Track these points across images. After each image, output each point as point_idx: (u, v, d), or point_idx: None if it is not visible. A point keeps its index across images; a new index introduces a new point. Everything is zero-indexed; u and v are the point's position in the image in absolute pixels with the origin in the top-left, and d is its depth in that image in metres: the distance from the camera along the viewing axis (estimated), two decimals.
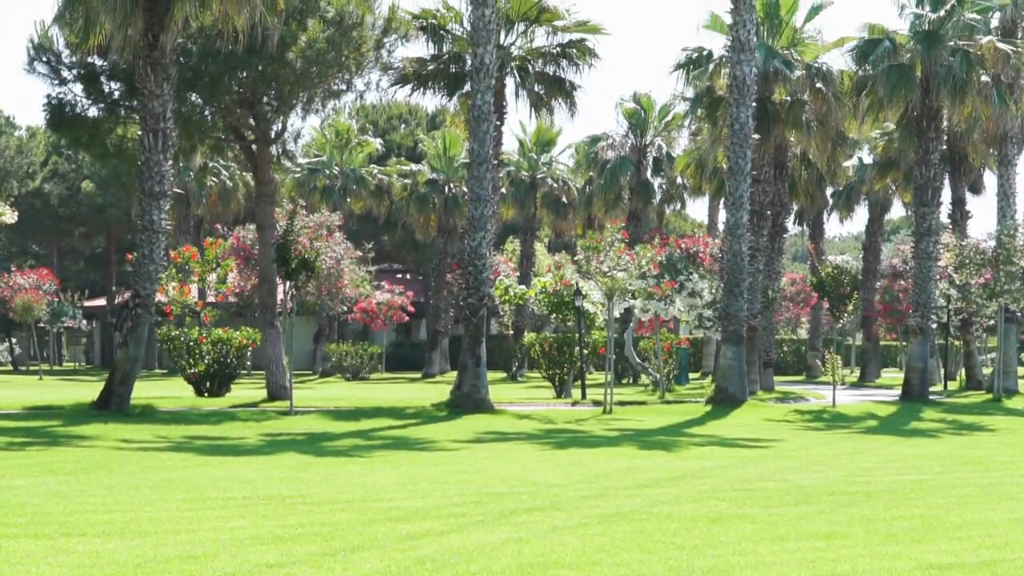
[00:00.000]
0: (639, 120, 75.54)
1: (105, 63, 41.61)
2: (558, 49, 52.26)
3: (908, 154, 53.35)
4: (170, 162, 37.14)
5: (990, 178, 61.94)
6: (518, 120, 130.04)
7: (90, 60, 41.61)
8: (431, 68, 50.85)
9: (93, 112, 43.12)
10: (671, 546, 14.31)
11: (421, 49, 51.37)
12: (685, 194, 78.28)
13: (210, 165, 78.11)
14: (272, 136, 45.23)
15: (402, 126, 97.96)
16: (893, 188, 69.07)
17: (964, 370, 64.20)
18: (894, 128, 54.97)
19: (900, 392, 50.30)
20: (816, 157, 57.78)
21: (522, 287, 61.04)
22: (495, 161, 47.86)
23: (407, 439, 29.43)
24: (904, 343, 63.79)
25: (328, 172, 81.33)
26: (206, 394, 44.81)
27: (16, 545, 13.82)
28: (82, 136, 44.37)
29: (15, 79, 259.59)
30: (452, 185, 77.27)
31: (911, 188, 52.48)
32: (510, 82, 52.26)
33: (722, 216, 52.44)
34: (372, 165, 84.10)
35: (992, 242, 52.31)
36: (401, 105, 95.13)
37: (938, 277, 51.41)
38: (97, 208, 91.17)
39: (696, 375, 72.95)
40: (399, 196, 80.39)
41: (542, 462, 24.15)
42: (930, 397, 49.71)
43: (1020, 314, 55.11)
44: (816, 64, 52.32)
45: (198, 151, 49.66)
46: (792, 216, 71.81)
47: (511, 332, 77.82)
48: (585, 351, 51.89)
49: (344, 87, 44.20)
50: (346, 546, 14.03)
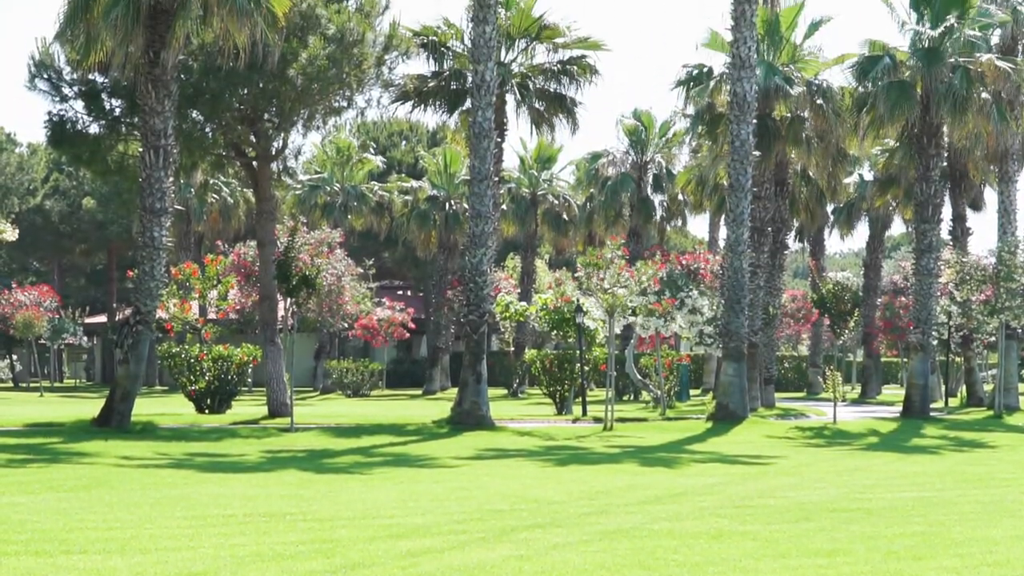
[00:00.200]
0: (640, 137, 75.64)
1: (106, 80, 41.63)
2: (559, 66, 52.30)
3: (909, 171, 53.36)
4: (171, 179, 37.16)
5: (991, 195, 61.90)
6: (519, 137, 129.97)
7: (91, 77, 41.63)
8: (432, 85, 50.90)
9: (94, 129, 43.14)
10: (672, 563, 14.30)
11: (422, 66, 51.44)
12: (686, 211, 78.26)
13: (211, 182, 77.99)
14: (273, 153, 45.25)
15: (403, 143, 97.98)
16: (894, 205, 69.07)
17: (965, 387, 64.13)
18: (895, 145, 55.02)
19: (901, 409, 50.26)
20: (816, 174, 57.81)
21: (523, 304, 61.03)
22: (496, 178, 47.91)
23: (408, 456, 29.42)
24: (905, 360, 63.79)
25: (329, 189, 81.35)
26: (207, 411, 44.77)
27: (16, 562, 13.81)
28: (83, 153, 44.41)
29: (16, 96, 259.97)
30: (453, 202, 77.29)
31: (912, 205, 52.51)
32: (511, 99, 52.31)
33: (723, 233, 52.48)
34: (373, 182, 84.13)
35: (993, 259, 52.31)
36: (402, 122, 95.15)
37: (939, 294, 51.40)
38: (98, 225, 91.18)
39: (697, 392, 72.91)
40: (400, 213, 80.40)
41: (543, 479, 24.14)
42: (931, 414, 49.66)
43: (1021, 331, 55.08)
44: (816, 81, 52.35)
45: (199, 168, 49.65)
46: (793, 233, 71.79)
47: (512, 349, 77.81)
48: (586, 368, 51.86)
49: (345, 104, 44.22)
50: (347, 563, 14.02)
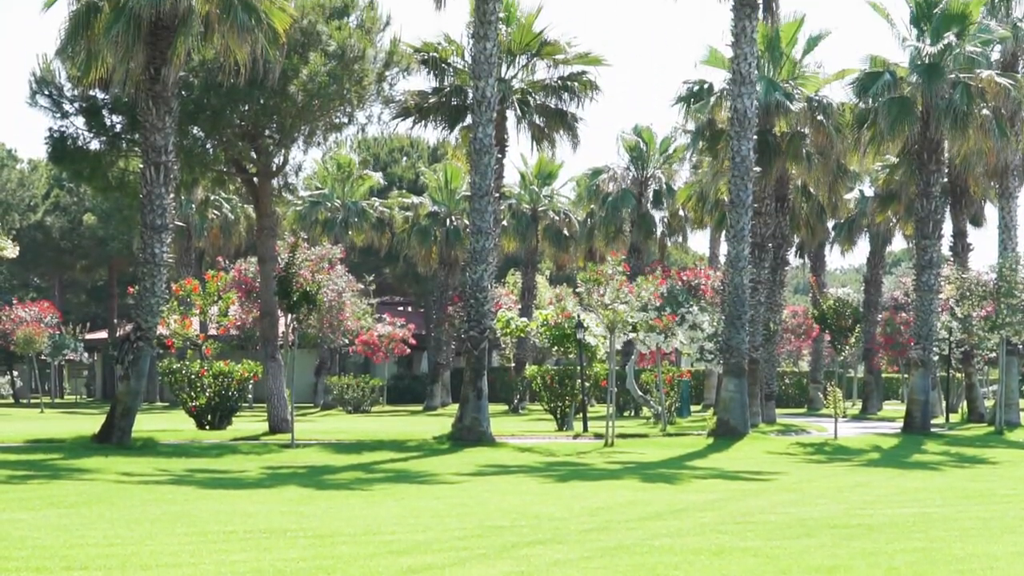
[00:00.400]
0: (640, 153, 75.70)
1: (107, 96, 41.66)
2: (559, 82, 52.39)
3: (909, 187, 53.35)
4: (172, 195, 37.18)
5: (991, 211, 61.90)
6: (519, 153, 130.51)
7: (92, 93, 41.66)
8: (432, 101, 50.99)
9: (95, 145, 43.14)
10: None
11: (422, 82, 51.54)
12: (687, 227, 78.20)
13: (212, 198, 78.15)
14: (274, 169, 45.25)
15: (404, 159, 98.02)
16: (894, 220, 69.04)
17: (966, 403, 64.11)
18: (895, 161, 55.03)
19: (902, 425, 50.23)
20: (817, 190, 57.84)
21: (523, 320, 60.99)
22: (496, 194, 47.92)
23: (409, 472, 29.40)
24: (906, 375, 63.75)
25: (330, 205, 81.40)
26: (207, 427, 44.75)
27: None
28: (84, 169, 44.43)
29: (17, 112, 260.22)
30: (453, 218, 77.32)
31: (912, 221, 52.51)
32: (511, 115, 52.38)
33: (723, 249, 52.49)
34: (373, 198, 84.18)
35: (993, 275, 52.29)
36: (403, 138, 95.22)
37: (940, 309, 51.38)
38: (99, 241, 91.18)
39: (698, 408, 72.87)
40: (400, 229, 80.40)
41: (544, 495, 24.13)
42: (932, 430, 49.63)
43: (1022, 346, 55.06)
44: (817, 97, 52.40)
45: (200, 184, 49.69)
46: (793, 249, 71.77)
47: (513, 365, 77.74)
48: (587, 384, 51.84)
49: (346, 120, 44.22)
50: None
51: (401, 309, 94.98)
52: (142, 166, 36.93)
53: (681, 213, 75.20)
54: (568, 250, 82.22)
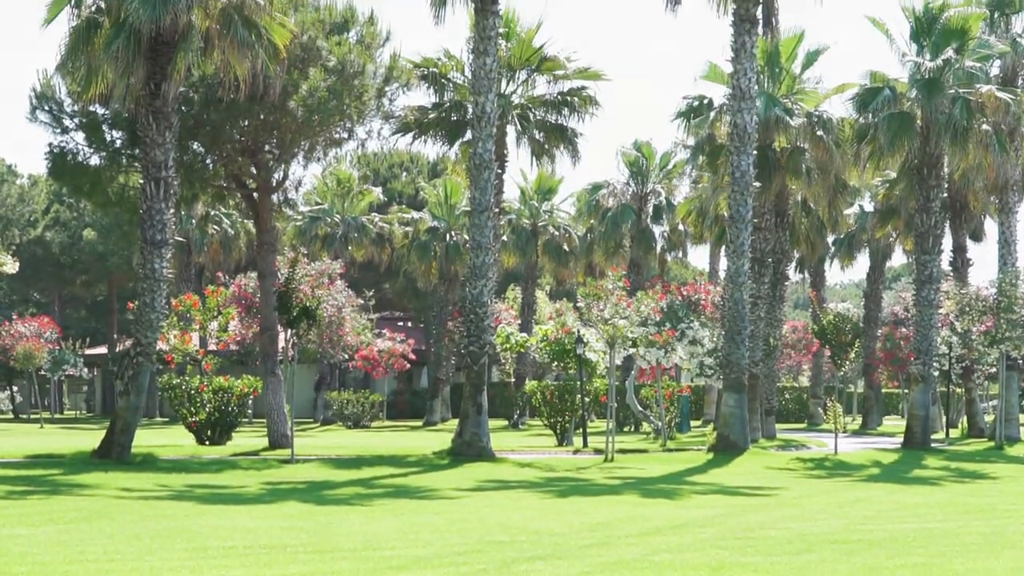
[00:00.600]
0: (640, 168, 75.77)
1: (107, 112, 41.67)
2: (559, 97, 52.45)
3: (909, 202, 53.38)
4: (172, 210, 37.18)
5: (991, 225, 61.93)
6: (519, 168, 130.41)
7: (92, 109, 41.67)
8: (432, 116, 51.04)
9: (95, 160, 43.14)
10: None
11: (422, 97, 51.69)
12: (686, 242, 78.26)
13: (211, 213, 78.22)
14: (274, 184, 45.26)
15: (403, 174, 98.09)
16: (894, 235, 69.08)
17: (966, 418, 64.09)
18: (895, 176, 55.05)
19: (902, 440, 50.22)
20: (817, 205, 57.84)
21: (523, 335, 60.93)
22: (496, 209, 47.96)
23: (408, 487, 29.38)
24: (906, 391, 63.75)
25: (329, 220, 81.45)
26: (207, 442, 44.72)
27: None
28: (84, 184, 44.43)
29: (17, 127, 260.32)
30: (453, 233, 77.33)
31: (912, 236, 52.52)
32: (511, 130, 52.41)
33: (723, 264, 52.39)
34: (373, 213, 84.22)
35: (993, 289, 52.30)
36: (402, 153, 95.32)
37: (939, 324, 51.38)
38: (98, 256, 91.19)
39: (698, 423, 72.82)
40: (400, 244, 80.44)
41: (544, 510, 24.11)
42: (932, 445, 49.61)
43: (1022, 361, 55.04)
44: (817, 112, 52.42)
45: (200, 199, 49.72)
46: (793, 264, 71.83)
47: (512, 380, 77.73)
48: (586, 399, 51.80)
49: (345, 135, 44.25)
50: None
51: (401, 324, 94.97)
52: (142, 181, 36.95)
53: (681, 228, 75.25)
54: (568, 265, 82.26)
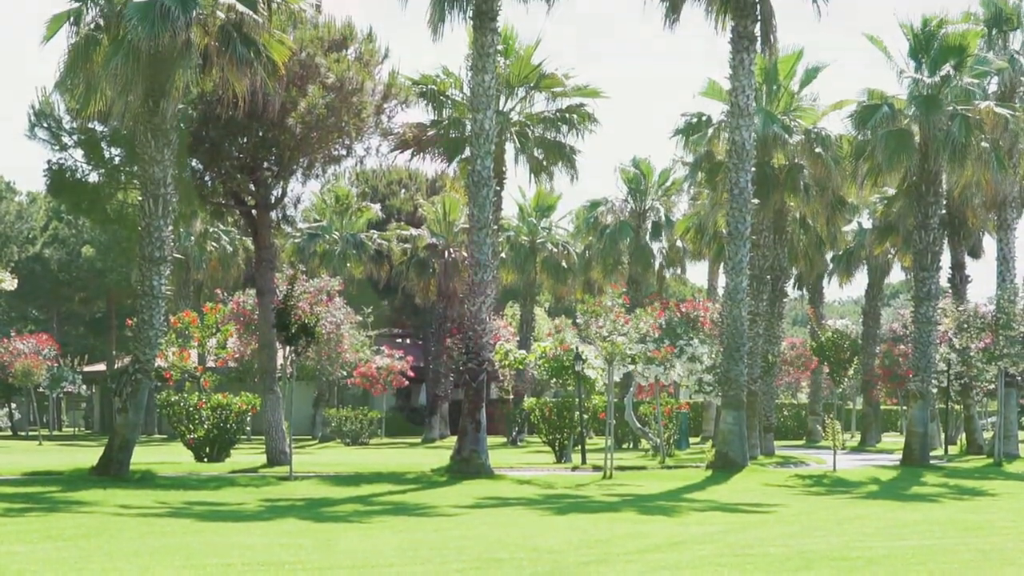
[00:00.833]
0: (639, 185, 75.80)
1: (106, 129, 41.71)
2: (558, 114, 52.54)
3: (907, 219, 53.36)
4: (170, 227, 37.18)
5: (989, 242, 61.91)
6: (518, 185, 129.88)
7: (91, 126, 41.72)
8: (431, 133, 51.08)
9: (93, 177, 43.19)
10: None
11: (421, 115, 51.68)
12: (685, 258, 78.34)
13: (210, 230, 78.24)
14: (272, 201, 45.27)
15: (402, 191, 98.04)
16: (892, 252, 69.04)
17: (965, 434, 64.03)
18: (893, 193, 55.06)
19: (901, 457, 50.17)
20: (815, 221, 57.87)
21: (522, 352, 60.94)
22: (495, 226, 47.95)
23: (407, 504, 29.34)
24: (904, 407, 63.71)
25: (328, 237, 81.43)
26: (206, 459, 44.71)
27: None
28: (82, 201, 44.48)
29: (16, 145, 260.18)
30: (452, 250, 77.27)
31: (910, 252, 52.51)
32: (510, 147, 52.48)
33: (722, 280, 52.49)
34: (372, 230, 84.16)
35: (992, 306, 52.31)
36: (401, 170, 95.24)
37: (938, 341, 51.38)
38: (97, 273, 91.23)
39: (696, 440, 72.72)
40: (399, 261, 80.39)
41: (542, 527, 24.07)
42: (931, 462, 49.58)
43: (1020, 378, 55.03)
44: (815, 129, 52.49)
45: (198, 216, 49.77)
46: (792, 280, 71.79)
47: (511, 397, 77.64)
48: (585, 416, 51.78)
49: (344, 152, 44.28)
50: None
51: (399, 341, 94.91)
52: (140, 198, 36.97)
53: (679, 245, 75.28)
54: (566, 282, 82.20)
